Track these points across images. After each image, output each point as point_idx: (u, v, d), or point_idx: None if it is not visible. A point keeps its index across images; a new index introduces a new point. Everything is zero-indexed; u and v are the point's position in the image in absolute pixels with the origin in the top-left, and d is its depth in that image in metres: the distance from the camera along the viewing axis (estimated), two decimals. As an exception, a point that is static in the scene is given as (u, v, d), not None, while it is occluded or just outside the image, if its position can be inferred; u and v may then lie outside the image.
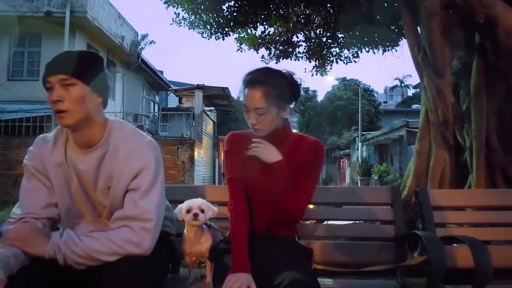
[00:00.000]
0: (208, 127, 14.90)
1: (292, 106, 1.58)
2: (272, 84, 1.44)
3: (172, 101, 23.71)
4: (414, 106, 30.96)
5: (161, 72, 19.84)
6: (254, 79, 1.46)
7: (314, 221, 2.16)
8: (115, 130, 1.39)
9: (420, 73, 3.13)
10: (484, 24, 2.84)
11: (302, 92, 1.65)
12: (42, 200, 1.37)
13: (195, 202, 1.62)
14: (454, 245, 2.05)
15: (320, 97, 32.72)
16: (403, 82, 44.64)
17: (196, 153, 10.44)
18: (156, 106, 19.50)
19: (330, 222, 2.36)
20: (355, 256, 2.07)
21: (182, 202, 2.16)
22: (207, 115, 14.71)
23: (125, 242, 1.25)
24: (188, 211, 1.58)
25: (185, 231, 1.69)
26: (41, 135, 1.47)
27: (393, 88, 47.06)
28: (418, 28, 3.29)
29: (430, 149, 3.06)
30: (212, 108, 16.48)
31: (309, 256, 1.61)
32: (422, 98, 3.21)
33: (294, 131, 1.65)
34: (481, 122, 3.06)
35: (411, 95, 39.34)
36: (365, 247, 2.12)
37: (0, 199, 9.05)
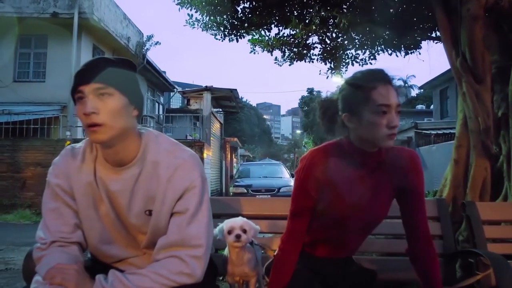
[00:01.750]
0: (215, 128, 14.83)
1: None
2: None
3: (176, 102, 23.64)
4: (419, 107, 30.84)
5: (164, 72, 19.76)
6: (388, 76, 1.25)
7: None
8: (151, 145, 1.24)
9: (458, 78, 3.00)
10: (527, 28, 2.73)
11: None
12: (69, 223, 1.23)
13: (237, 222, 1.53)
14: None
15: (324, 97, 32.65)
16: (407, 83, 44.53)
17: (205, 155, 10.36)
18: (161, 107, 19.42)
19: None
20: (399, 273, 1.96)
21: (218, 216, 2.09)
22: (215, 116, 14.64)
23: (176, 275, 1.13)
24: (230, 232, 1.50)
25: (226, 250, 1.61)
26: (68, 146, 1.31)
27: (396, 88, 46.86)
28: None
29: (468, 157, 2.95)
30: (219, 109, 16.40)
31: (375, 278, 1.54)
32: (459, 104, 3.09)
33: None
34: (519, 129, 2.94)
35: (415, 95, 39.19)
36: (408, 263, 2.02)
37: (8, 202, 8.99)
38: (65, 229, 1.22)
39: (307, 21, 5.13)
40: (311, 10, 5.04)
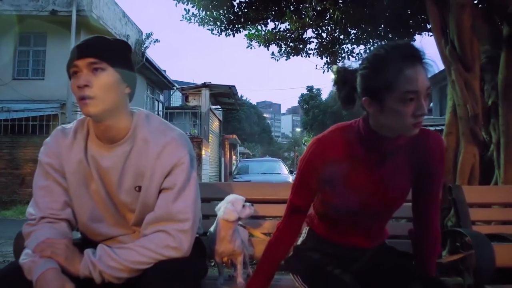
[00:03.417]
0: (214, 125, 14.85)
1: None
2: None
3: (176, 100, 23.69)
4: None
5: (164, 71, 19.78)
6: (418, 51, 1.04)
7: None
8: (142, 124, 1.27)
9: (447, 67, 3.05)
10: (516, 16, 2.76)
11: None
12: (59, 200, 1.26)
13: (241, 197, 1.58)
14: (493, 243, 1.98)
15: (324, 95, 32.76)
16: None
17: (203, 152, 10.39)
18: (161, 105, 19.44)
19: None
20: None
21: (208, 200, 2.12)
22: (214, 113, 14.66)
23: (163, 248, 1.16)
24: (244, 205, 1.54)
25: (212, 229, 1.62)
26: (59, 127, 1.34)
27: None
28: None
29: (457, 144, 2.99)
30: (218, 106, 16.41)
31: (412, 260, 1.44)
32: (449, 92, 3.13)
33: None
34: (509, 116, 2.98)
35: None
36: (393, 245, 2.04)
37: (7, 198, 9.04)
38: (54, 206, 1.25)
39: (302, 15, 5.17)
40: (307, 5, 5.07)
